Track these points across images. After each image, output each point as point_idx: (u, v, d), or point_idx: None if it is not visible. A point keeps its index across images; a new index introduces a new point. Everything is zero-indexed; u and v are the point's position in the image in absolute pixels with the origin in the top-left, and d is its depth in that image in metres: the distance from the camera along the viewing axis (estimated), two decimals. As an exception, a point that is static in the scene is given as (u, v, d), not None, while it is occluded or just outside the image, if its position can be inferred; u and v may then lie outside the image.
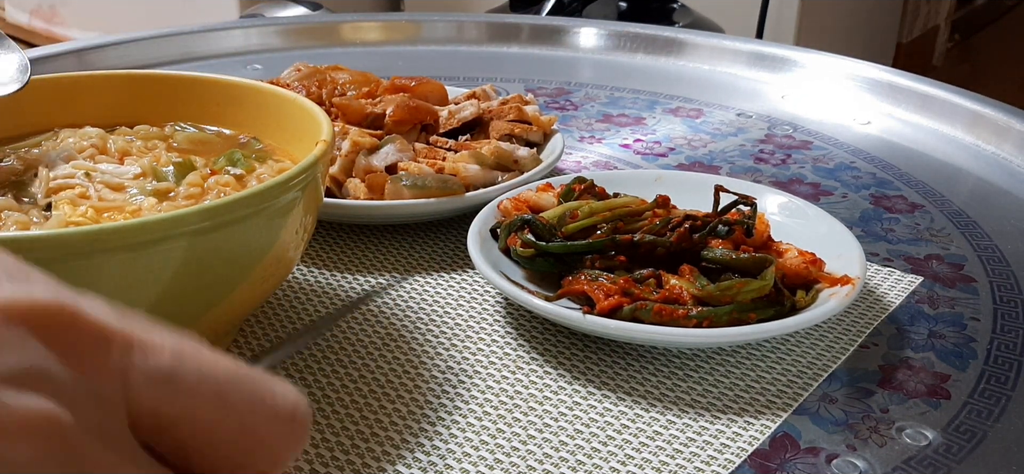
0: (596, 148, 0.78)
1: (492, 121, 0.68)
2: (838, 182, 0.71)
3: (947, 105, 0.82)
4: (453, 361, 0.48)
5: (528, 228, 0.52)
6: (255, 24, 1.06)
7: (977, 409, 0.45)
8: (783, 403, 0.45)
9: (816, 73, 0.93)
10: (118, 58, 0.95)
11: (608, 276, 0.48)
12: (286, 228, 0.43)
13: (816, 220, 0.56)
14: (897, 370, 0.48)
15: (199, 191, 0.47)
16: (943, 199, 0.68)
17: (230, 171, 0.49)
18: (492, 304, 0.54)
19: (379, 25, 1.09)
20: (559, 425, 0.43)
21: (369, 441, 0.42)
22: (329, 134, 0.46)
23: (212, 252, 0.39)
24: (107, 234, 0.36)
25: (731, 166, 0.74)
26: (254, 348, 0.49)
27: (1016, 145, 0.76)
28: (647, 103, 0.89)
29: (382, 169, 0.60)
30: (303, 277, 0.56)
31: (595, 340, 0.50)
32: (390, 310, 0.53)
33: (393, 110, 0.65)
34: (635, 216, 0.52)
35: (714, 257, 0.49)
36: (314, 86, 0.70)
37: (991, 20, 3.77)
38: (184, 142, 0.53)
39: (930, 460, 0.42)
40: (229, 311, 0.43)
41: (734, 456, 0.41)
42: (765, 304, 0.47)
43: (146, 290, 0.38)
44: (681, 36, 1.03)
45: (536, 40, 1.06)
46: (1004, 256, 0.60)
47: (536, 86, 0.93)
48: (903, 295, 0.55)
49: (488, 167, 0.62)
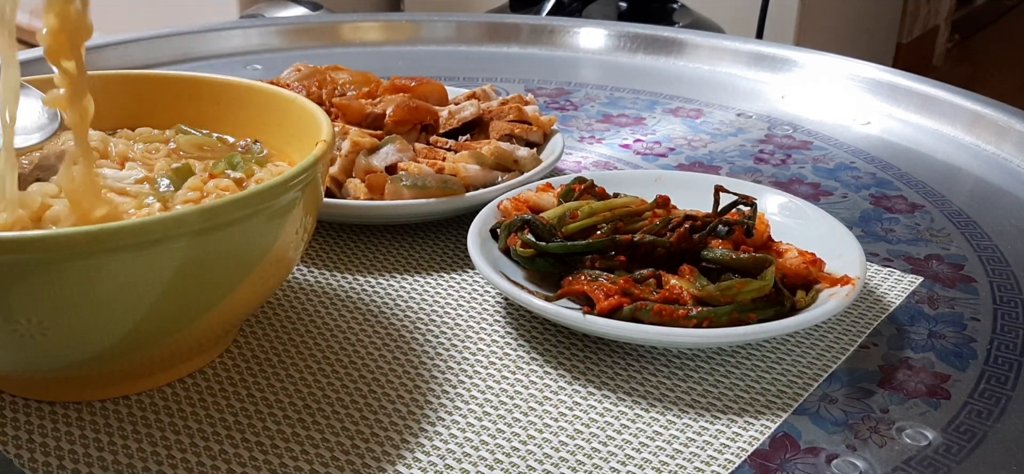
0: (596, 148, 0.78)
1: (492, 121, 0.68)
2: (838, 182, 0.71)
3: (947, 105, 0.82)
4: (453, 361, 0.48)
5: (528, 228, 0.52)
6: (255, 24, 1.06)
7: (977, 409, 0.45)
8: (783, 403, 0.45)
9: (816, 73, 0.93)
10: (118, 58, 0.95)
11: (608, 276, 0.48)
12: (286, 228, 0.43)
13: (816, 220, 0.56)
14: (897, 370, 0.48)
15: (198, 195, 0.47)
16: (943, 199, 0.68)
17: (229, 174, 0.49)
18: (492, 304, 0.54)
19: (379, 25, 1.09)
20: (559, 425, 0.43)
21: (369, 441, 0.42)
22: (329, 134, 0.46)
23: (212, 253, 0.39)
24: (107, 234, 0.36)
25: (731, 166, 0.74)
26: (254, 348, 0.49)
27: (1016, 145, 0.76)
28: (647, 103, 0.89)
29: (382, 169, 0.60)
30: (303, 277, 0.56)
31: (595, 340, 0.50)
32: (390, 310, 0.53)
33: (393, 110, 0.65)
34: (635, 216, 0.52)
35: (714, 257, 0.49)
36: (314, 86, 0.70)
37: (991, 20, 3.77)
38: (185, 146, 0.53)
39: (930, 460, 0.42)
40: (229, 311, 0.43)
41: (734, 456, 0.41)
42: (765, 304, 0.47)
43: (146, 290, 0.38)
44: (681, 36, 1.03)
45: (536, 40, 1.06)
46: (1004, 256, 0.60)
47: (536, 86, 0.93)
48: (903, 295, 0.55)
49: (488, 167, 0.62)
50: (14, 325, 0.37)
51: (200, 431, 0.43)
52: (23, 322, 0.37)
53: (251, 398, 0.45)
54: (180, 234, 0.38)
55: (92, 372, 0.42)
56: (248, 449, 0.42)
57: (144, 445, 0.42)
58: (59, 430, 0.43)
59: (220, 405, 0.44)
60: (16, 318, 0.37)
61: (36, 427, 0.43)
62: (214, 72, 0.58)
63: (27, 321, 0.37)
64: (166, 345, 0.43)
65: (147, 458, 0.41)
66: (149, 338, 0.41)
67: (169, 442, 0.42)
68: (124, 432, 0.42)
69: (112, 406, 0.44)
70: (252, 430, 0.43)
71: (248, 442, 0.42)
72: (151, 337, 0.41)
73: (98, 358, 0.41)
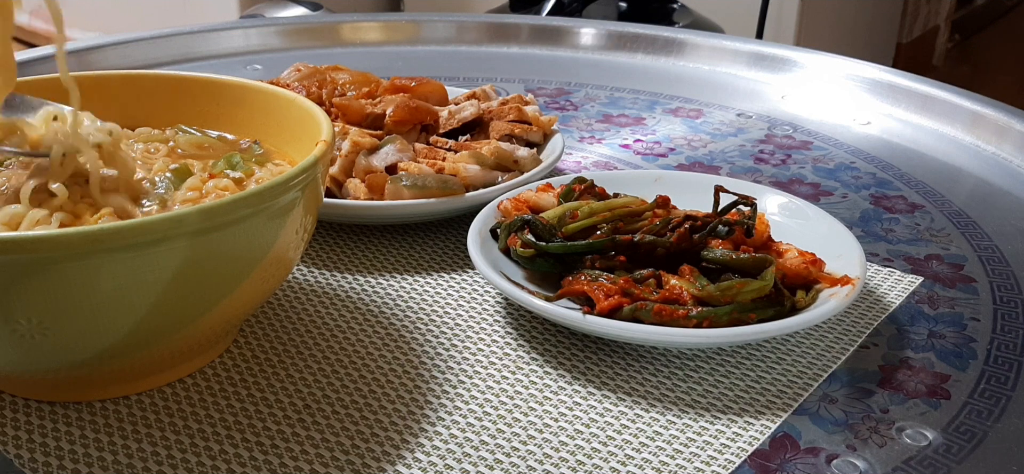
0: (596, 148, 0.78)
1: (492, 121, 0.68)
2: (838, 182, 0.71)
3: (947, 105, 0.82)
4: (453, 361, 0.48)
5: (528, 228, 0.52)
6: (255, 24, 1.06)
7: (977, 409, 0.45)
8: (783, 403, 0.45)
9: (816, 73, 0.93)
10: (118, 58, 0.95)
11: (608, 276, 0.48)
12: (286, 228, 0.43)
13: (816, 220, 0.56)
14: (897, 370, 0.48)
15: (198, 196, 0.47)
16: (943, 199, 0.68)
17: (229, 174, 0.49)
18: (492, 304, 0.54)
19: (379, 25, 1.09)
20: (559, 425, 0.43)
21: (369, 441, 0.42)
22: (329, 134, 0.46)
23: (212, 253, 0.39)
24: (107, 234, 0.36)
25: (731, 166, 0.74)
26: (254, 348, 0.49)
27: (1016, 145, 0.76)
28: (647, 103, 0.89)
29: (382, 169, 0.60)
30: (303, 277, 0.56)
31: (595, 340, 0.50)
32: (390, 310, 0.53)
33: (393, 110, 0.65)
34: (635, 216, 0.52)
35: (714, 257, 0.49)
36: (314, 86, 0.70)
37: (991, 20, 3.77)
38: (185, 146, 0.53)
39: (930, 460, 0.42)
40: (229, 311, 0.43)
41: (734, 456, 0.41)
42: (765, 304, 0.47)
43: (146, 290, 0.38)
44: (681, 36, 1.03)
45: (536, 40, 1.06)
46: (1004, 256, 0.60)
47: (536, 86, 0.93)
48: (903, 295, 0.55)
49: (488, 167, 0.62)
50: (14, 325, 0.37)
51: (200, 431, 0.43)
52: (23, 322, 0.37)
53: (251, 398, 0.45)
54: (180, 234, 0.38)
55: (92, 372, 0.42)
56: (248, 449, 0.42)
57: (144, 445, 0.42)
58: (59, 430, 0.43)
59: (220, 405, 0.44)
60: (16, 318, 0.37)
61: (36, 427, 0.43)
62: (214, 72, 0.58)
63: (27, 321, 0.37)
64: (166, 345, 0.43)
65: (147, 458, 0.41)
66: (149, 338, 0.41)
67: (169, 442, 0.42)
68: (124, 432, 0.42)
69: (112, 406, 0.44)
70: (252, 430, 0.43)
71: (248, 442, 0.42)
72: (151, 337, 0.41)
73: (98, 358, 0.41)
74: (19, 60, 0.43)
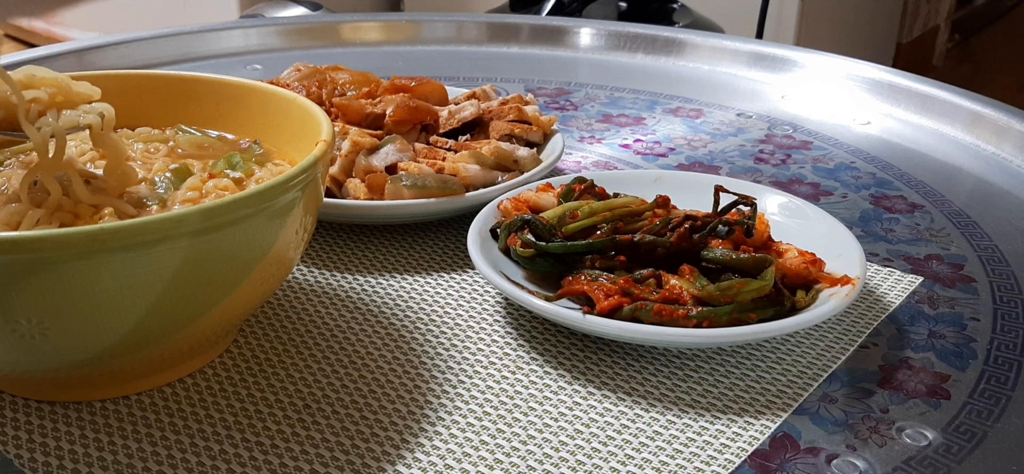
0: (596, 148, 0.78)
1: (492, 121, 0.68)
2: (838, 182, 0.71)
3: (947, 105, 0.82)
4: (453, 361, 0.48)
5: (528, 228, 0.52)
6: (255, 24, 1.06)
7: (977, 409, 0.45)
8: (783, 403, 0.45)
9: (816, 73, 0.93)
10: (118, 58, 0.95)
11: (608, 276, 0.48)
12: (286, 228, 0.43)
13: (816, 220, 0.56)
14: (897, 370, 0.48)
15: (198, 196, 0.47)
16: (943, 199, 0.68)
17: (229, 174, 0.49)
18: (492, 304, 0.54)
19: (379, 25, 1.09)
20: (559, 425, 0.43)
21: (369, 441, 0.42)
22: (329, 134, 0.46)
23: (212, 252, 0.39)
24: (107, 234, 0.36)
25: (731, 166, 0.74)
26: (254, 348, 0.49)
27: (1016, 145, 0.76)
28: (647, 103, 0.89)
29: (382, 169, 0.60)
30: (303, 277, 0.56)
31: (595, 340, 0.50)
32: (390, 310, 0.53)
33: (393, 110, 0.65)
34: (635, 216, 0.52)
35: (714, 257, 0.49)
36: (314, 86, 0.70)
37: (991, 20, 3.77)
38: (185, 146, 0.53)
39: (930, 460, 0.42)
40: (229, 311, 0.43)
41: (734, 456, 0.41)
42: (765, 304, 0.47)
43: (146, 290, 0.38)
44: (681, 36, 1.03)
45: (536, 40, 1.06)
46: (1004, 256, 0.60)
47: (536, 86, 0.93)
48: (903, 295, 0.55)
49: (488, 167, 0.62)
50: (14, 325, 0.37)
51: (200, 431, 0.43)
52: (23, 322, 0.37)
53: (251, 398, 0.45)
54: (180, 234, 0.38)
55: (92, 372, 0.42)
56: (248, 449, 0.42)
57: (144, 445, 0.42)
58: (59, 430, 0.43)
59: (220, 405, 0.44)
60: (16, 318, 0.37)
61: (36, 427, 0.43)
62: (214, 72, 0.58)
63: (27, 321, 0.37)
64: (166, 345, 0.43)
65: (147, 458, 0.41)
66: (149, 338, 0.41)
67: (169, 442, 0.42)
68: (124, 432, 0.42)
69: (112, 406, 0.44)
70: (252, 430, 0.43)
71: (248, 442, 0.42)
72: (151, 337, 0.41)
73: (98, 358, 0.41)
74: (19, 60, 0.43)
